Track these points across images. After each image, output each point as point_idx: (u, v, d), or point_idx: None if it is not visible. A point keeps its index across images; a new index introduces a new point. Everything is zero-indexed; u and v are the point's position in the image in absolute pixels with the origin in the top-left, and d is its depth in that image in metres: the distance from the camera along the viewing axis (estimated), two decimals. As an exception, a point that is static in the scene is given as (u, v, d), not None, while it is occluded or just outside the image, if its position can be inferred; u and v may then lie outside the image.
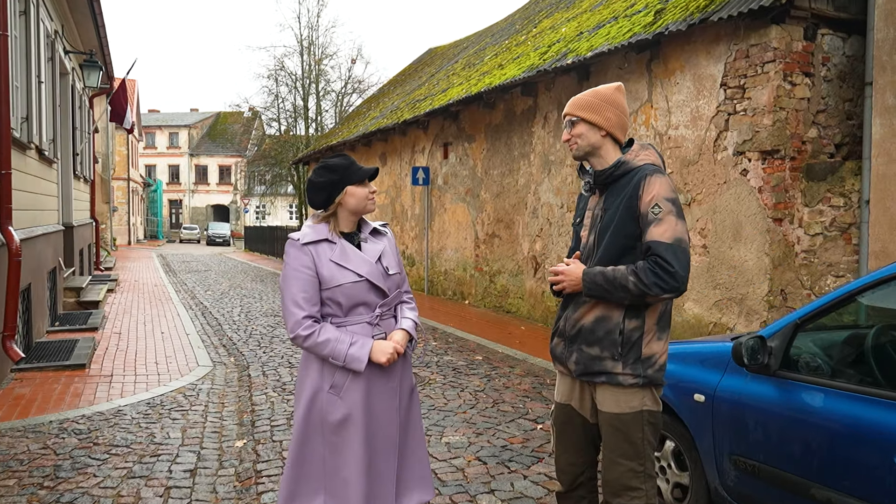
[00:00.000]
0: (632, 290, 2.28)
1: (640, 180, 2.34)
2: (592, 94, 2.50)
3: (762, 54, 6.07)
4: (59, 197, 10.63)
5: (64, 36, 11.49)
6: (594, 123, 2.45)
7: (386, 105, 18.87)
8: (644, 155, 2.44)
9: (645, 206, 2.32)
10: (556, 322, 2.60)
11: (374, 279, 2.55)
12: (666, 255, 2.25)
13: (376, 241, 2.66)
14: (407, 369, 2.70)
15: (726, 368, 2.90)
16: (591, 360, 2.41)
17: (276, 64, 32.35)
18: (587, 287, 2.36)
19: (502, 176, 10.94)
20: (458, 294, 12.53)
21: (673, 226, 2.29)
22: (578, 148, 2.49)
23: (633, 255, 2.35)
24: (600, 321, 2.39)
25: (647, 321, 2.37)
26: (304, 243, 2.52)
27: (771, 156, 6.09)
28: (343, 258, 2.53)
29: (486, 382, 6.36)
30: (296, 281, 2.49)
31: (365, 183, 2.60)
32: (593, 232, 2.46)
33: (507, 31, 15.67)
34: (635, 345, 2.36)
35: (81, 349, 7.34)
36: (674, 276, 2.24)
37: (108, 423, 5.09)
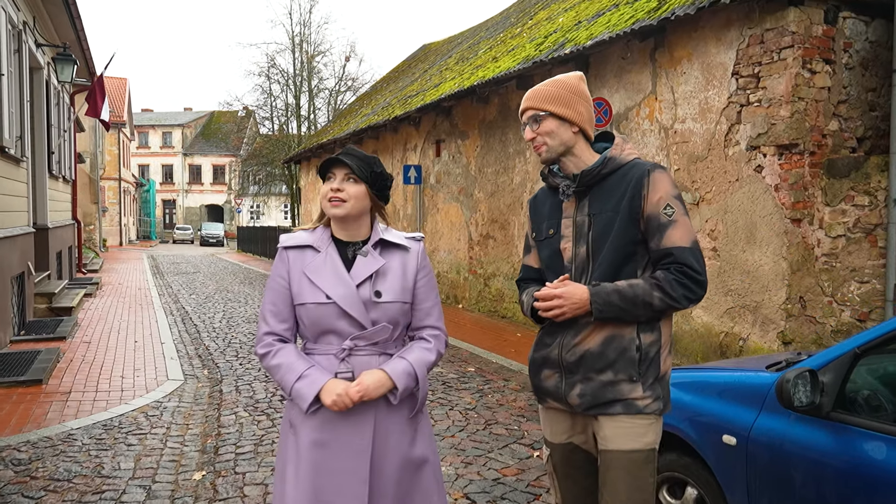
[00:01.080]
0: (657, 306, 2.01)
1: (640, 178, 2.05)
2: (557, 84, 2.17)
3: (779, 39, 5.55)
4: (28, 197, 10.06)
5: (36, 28, 10.92)
6: (565, 118, 2.13)
7: (378, 102, 18.33)
8: (629, 149, 2.16)
9: (653, 207, 2.04)
10: (541, 350, 2.18)
11: (345, 305, 2.01)
12: (690, 261, 2.01)
13: (381, 256, 2.10)
14: (403, 432, 2.07)
15: (763, 405, 2.37)
16: (602, 388, 2.05)
17: (268, 61, 31.77)
18: (599, 310, 2.01)
19: (497, 174, 10.41)
20: (451, 298, 12.00)
21: (688, 227, 2.05)
22: (549, 149, 2.14)
23: (633, 262, 2.08)
24: (610, 342, 2.05)
25: (663, 333, 2.09)
26: (285, 247, 2.13)
27: (788, 150, 5.56)
28: (315, 272, 2.06)
29: (478, 399, 5.83)
30: (269, 290, 2.13)
31: (333, 178, 2.09)
32: (582, 243, 2.12)
33: (503, 24, 15.13)
34: (654, 361, 2.06)
35: (41, 362, 6.79)
36: (702, 284, 2.02)
37: (53, 450, 4.55)
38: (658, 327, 2.06)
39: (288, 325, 2.09)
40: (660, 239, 2.01)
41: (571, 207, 2.14)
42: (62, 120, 13.76)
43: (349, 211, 2.06)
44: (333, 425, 2.02)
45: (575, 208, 2.13)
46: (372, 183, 2.09)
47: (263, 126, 35.78)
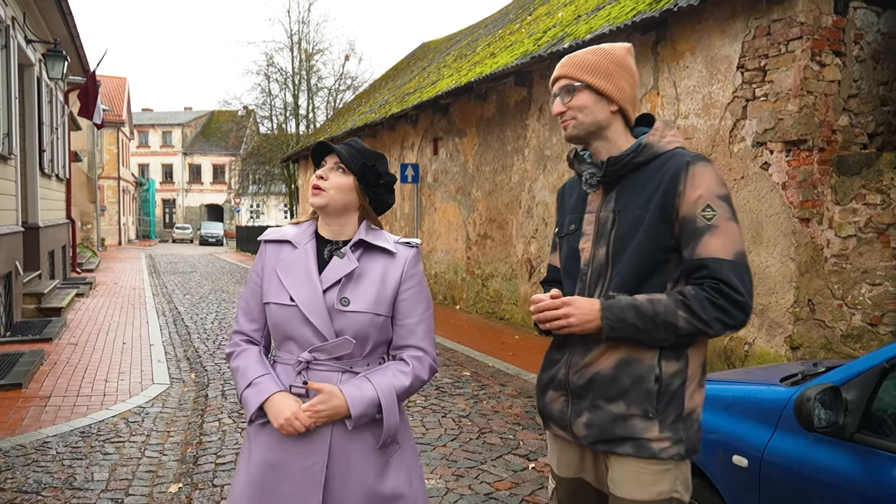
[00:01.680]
0: (681, 328, 1.65)
1: (678, 171, 1.69)
2: (600, 53, 1.80)
3: (786, 31, 5.32)
4: (17, 196, 9.85)
5: (27, 24, 10.71)
6: (604, 93, 1.78)
7: (376, 100, 18.10)
8: (671, 136, 1.79)
9: (690, 206, 1.67)
10: (549, 370, 1.87)
11: (307, 310, 1.77)
12: (730, 277, 1.62)
13: (352, 259, 1.83)
14: (368, 461, 1.80)
15: (778, 423, 2.14)
16: (611, 421, 1.72)
17: (267, 60, 31.53)
18: (611, 327, 1.67)
19: (495, 172, 10.18)
20: (448, 299, 11.77)
21: (732, 236, 1.66)
22: (578, 125, 1.80)
23: (663, 272, 1.72)
24: (625, 366, 1.72)
25: (690, 362, 1.72)
26: (265, 241, 1.95)
27: (796, 147, 5.33)
28: (285, 270, 1.86)
29: (473, 405, 5.60)
30: (247, 286, 1.96)
31: (320, 167, 1.91)
32: (602, 243, 1.78)
33: (501, 20, 14.91)
34: (676, 396, 1.70)
35: (23, 365, 6.58)
36: (742, 306, 1.63)
37: (25, 459, 4.33)
38: (685, 355, 1.71)
39: (258, 325, 1.91)
40: (694, 247, 1.66)
41: (597, 200, 1.83)
42: (55, 118, 13.55)
43: (328, 202, 1.84)
44: (284, 445, 1.80)
45: (600, 202, 1.82)
46: (361, 176, 1.86)
47: (263, 125, 35.55)
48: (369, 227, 1.90)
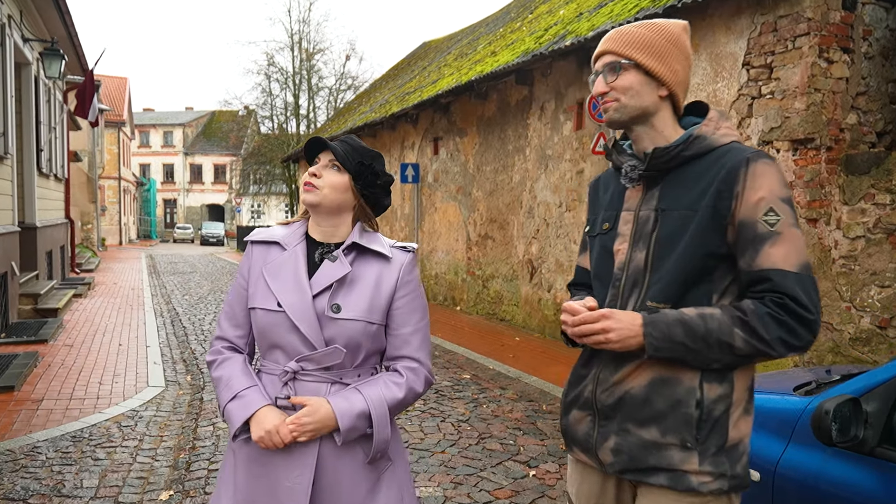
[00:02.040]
0: (738, 349, 1.45)
1: (735, 169, 1.49)
2: (654, 28, 1.60)
3: (793, 27, 5.20)
4: (13, 195, 9.75)
5: (24, 23, 10.62)
6: (655, 75, 1.57)
7: (377, 100, 18.00)
8: (726, 127, 1.59)
9: (749, 210, 1.47)
10: (575, 386, 1.69)
11: (296, 316, 1.66)
12: (796, 291, 1.43)
13: (345, 263, 1.72)
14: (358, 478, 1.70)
15: (792, 435, 2.03)
16: (643, 448, 1.53)
17: (267, 60, 31.41)
18: (655, 346, 1.48)
19: (495, 172, 10.07)
20: (449, 300, 11.66)
21: (797, 244, 1.47)
22: (621, 108, 1.59)
23: (709, 282, 1.52)
24: (660, 386, 1.52)
25: (736, 385, 1.52)
26: (252, 241, 1.84)
27: (804, 145, 5.22)
28: (273, 273, 1.74)
29: (473, 409, 5.49)
30: (232, 289, 1.84)
31: (315, 163, 1.79)
32: (641, 245, 1.58)
33: (503, 19, 14.80)
34: (718, 424, 1.50)
35: (16, 367, 6.47)
36: (810, 325, 1.43)
37: (14, 465, 4.23)
38: (730, 377, 1.51)
39: (242, 331, 1.80)
40: (753, 256, 1.46)
41: (636, 197, 1.62)
42: (53, 117, 13.46)
43: (321, 200, 1.73)
44: (268, 459, 1.69)
45: (640, 198, 1.61)
46: (357, 175, 1.76)
47: (264, 125, 35.47)
48: (363, 229, 1.79)
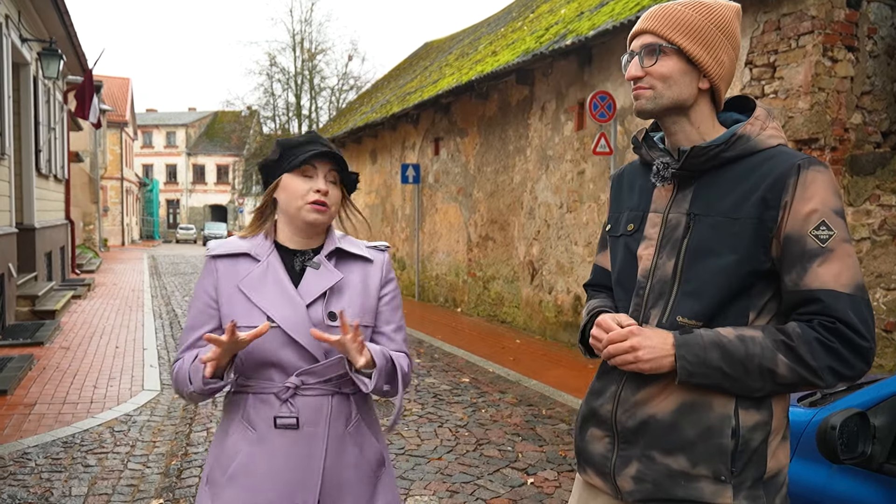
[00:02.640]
0: (782, 377, 1.32)
1: (785, 176, 1.34)
2: (703, 10, 1.41)
3: (797, 25, 5.11)
4: (10, 196, 9.69)
5: (22, 23, 10.56)
6: (698, 63, 1.40)
7: (378, 100, 17.94)
8: (773, 128, 1.43)
9: (799, 223, 1.33)
10: (592, 401, 1.54)
11: (291, 329, 1.60)
12: (849, 316, 1.29)
13: (334, 269, 1.68)
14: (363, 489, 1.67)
15: (796, 449, 1.94)
16: (670, 478, 1.38)
17: (269, 60, 31.40)
18: (689, 370, 1.34)
19: (496, 173, 9.99)
20: (449, 301, 11.58)
21: (850, 262, 1.33)
22: (656, 97, 1.42)
23: (746, 298, 1.37)
24: (690, 411, 1.37)
25: (775, 413, 1.38)
26: (214, 255, 1.70)
27: (808, 146, 5.13)
28: (255, 287, 1.63)
29: (471, 414, 5.41)
30: (193, 309, 1.71)
31: (313, 175, 1.65)
32: (671, 253, 1.43)
33: (504, 19, 14.72)
34: (757, 455, 1.36)
35: (10, 370, 6.41)
36: (864, 353, 1.29)
37: (2, 472, 4.16)
38: (768, 402, 1.37)
39: None
40: (801, 275, 1.32)
41: (666, 197, 1.47)
42: (52, 117, 13.41)
43: (330, 219, 1.69)
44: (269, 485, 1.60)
45: (670, 199, 1.46)
46: (348, 186, 1.75)
47: (266, 126, 35.45)
48: (337, 233, 1.75)
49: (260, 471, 1.60)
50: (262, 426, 1.62)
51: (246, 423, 1.64)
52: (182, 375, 1.64)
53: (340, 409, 1.66)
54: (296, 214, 1.65)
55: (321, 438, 1.62)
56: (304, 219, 1.65)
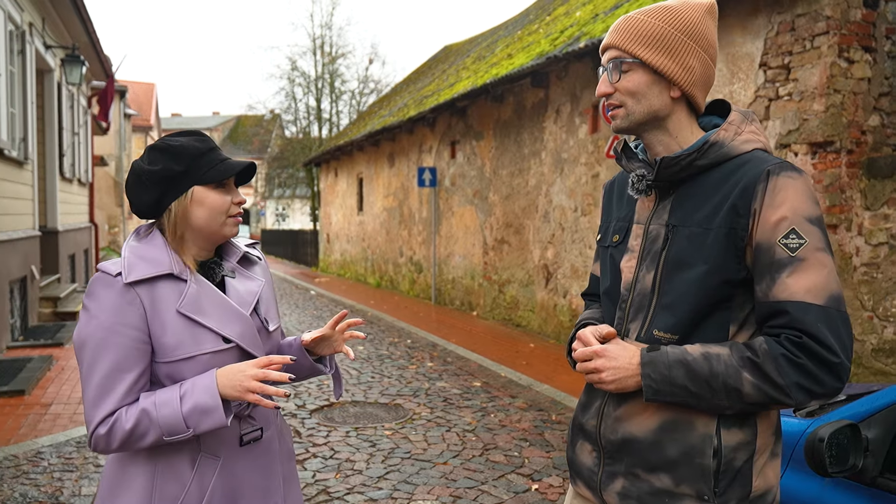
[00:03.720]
0: (748, 395, 1.27)
1: (753, 182, 1.30)
2: (665, 16, 1.37)
3: (811, 26, 5.03)
4: (34, 200, 9.87)
5: (46, 30, 10.77)
6: (663, 73, 1.36)
7: (396, 104, 17.99)
8: (750, 132, 1.39)
9: (767, 231, 1.28)
10: (581, 414, 1.53)
11: (248, 344, 1.55)
12: (818, 329, 1.23)
13: (250, 275, 1.65)
14: (292, 471, 1.74)
15: (790, 459, 1.90)
16: (654, 496, 1.37)
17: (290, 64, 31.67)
18: (654, 388, 1.32)
19: (511, 176, 9.96)
20: (465, 304, 11.57)
21: (824, 273, 1.27)
22: (628, 113, 1.40)
23: (725, 310, 1.33)
24: (671, 430, 1.35)
25: (760, 431, 1.35)
26: (131, 282, 1.46)
27: (823, 149, 5.04)
28: (197, 309, 1.50)
29: (480, 418, 5.39)
30: (110, 350, 1.43)
31: (227, 186, 1.56)
32: (650, 264, 1.41)
33: (521, 21, 14.69)
34: (741, 474, 1.33)
35: (29, 371, 6.52)
36: (834, 369, 1.23)
37: (16, 471, 4.22)
38: (752, 421, 1.33)
39: (136, 397, 1.47)
40: (770, 285, 1.27)
41: (648, 208, 1.44)
42: (76, 122, 13.64)
43: None
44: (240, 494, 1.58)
45: (652, 211, 1.43)
46: None
47: (288, 129, 35.72)
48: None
49: (235, 494, 1.55)
50: (225, 450, 1.55)
51: (206, 454, 1.53)
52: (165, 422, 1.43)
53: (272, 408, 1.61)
54: (217, 230, 1.56)
55: (274, 440, 1.65)
56: (225, 234, 1.58)
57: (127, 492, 1.50)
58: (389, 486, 3.99)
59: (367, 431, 5.05)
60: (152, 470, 1.50)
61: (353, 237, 18.25)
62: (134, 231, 1.58)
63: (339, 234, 19.67)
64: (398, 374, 6.90)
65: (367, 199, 16.93)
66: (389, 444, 4.73)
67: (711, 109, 1.49)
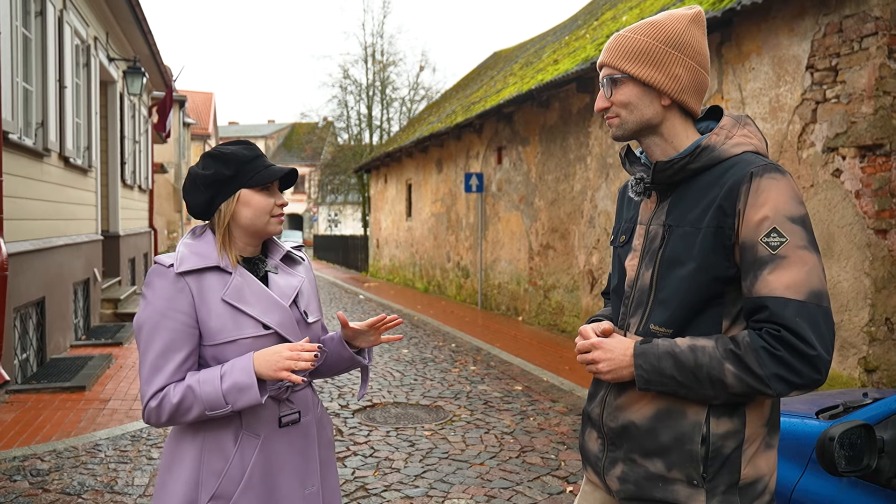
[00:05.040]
0: (731, 385, 1.35)
1: (737, 184, 1.38)
2: (649, 31, 1.47)
3: (860, 27, 4.92)
4: (97, 206, 10.35)
5: (109, 44, 11.30)
6: (652, 85, 1.46)
7: (444, 110, 18.15)
8: (741, 136, 1.46)
9: (751, 230, 1.36)
10: (589, 403, 1.63)
11: (286, 332, 1.70)
12: (795, 323, 1.30)
13: (292, 271, 1.82)
14: (330, 459, 1.86)
15: (809, 461, 1.91)
16: (649, 480, 1.45)
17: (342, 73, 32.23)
18: (646, 378, 1.41)
19: (557, 181, 9.96)
20: (511, 309, 11.59)
21: (805, 269, 1.33)
22: (622, 125, 1.51)
23: (718, 306, 1.41)
24: (664, 418, 1.44)
25: (749, 421, 1.41)
26: (182, 272, 1.65)
27: (871, 152, 4.92)
28: (241, 298, 1.67)
29: (519, 421, 5.42)
30: (162, 332, 1.61)
31: (271, 189, 1.74)
32: (649, 262, 1.49)
33: (570, 27, 14.67)
34: (729, 461, 1.40)
35: (90, 368, 6.86)
36: (812, 361, 1.29)
37: (75, 461, 4.47)
38: (742, 411, 1.40)
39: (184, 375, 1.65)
40: (753, 282, 1.35)
41: (650, 210, 1.53)
42: (137, 131, 14.23)
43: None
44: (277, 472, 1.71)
45: (653, 212, 1.52)
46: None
47: (340, 137, 36.34)
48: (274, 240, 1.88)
49: (274, 471, 1.69)
50: (265, 429, 1.68)
51: (247, 433, 1.67)
52: (207, 398, 1.59)
53: (313, 395, 1.84)
54: (262, 228, 1.73)
55: (312, 425, 1.78)
56: (269, 231, 1.74)
57: (180, 465, 1.68)
58: (426, 485, 4.08)
59: (406, 432, 5.15)
60: (200, 445, 1.67)
61: (401, 242, 18.46)
62: (190, 230, 1.77)
63: (388, 239, 19.93)
64: (441, 377, 6.99)
65: (415, 205, 17.12)
66: (428, 445, 4.82)
67: (714, 115, 1.56)
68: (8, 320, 5.89)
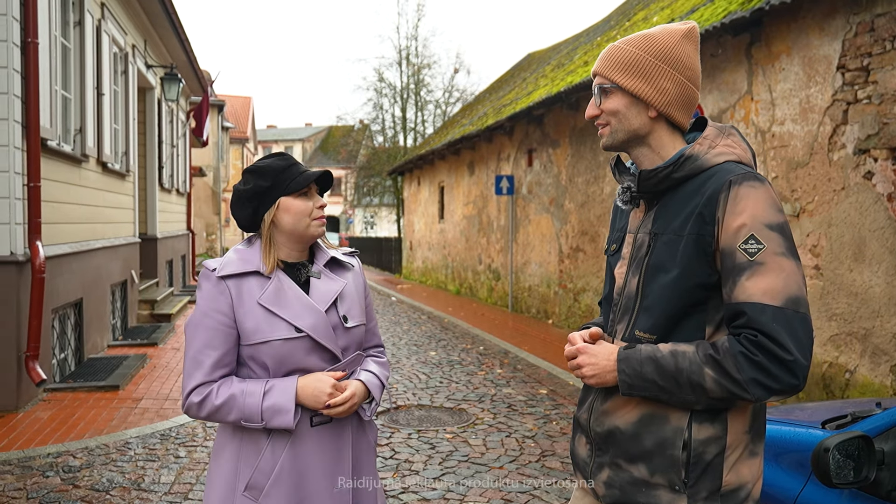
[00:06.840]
0: (710, 390, 1.36)
1: (716, 192, 1.40)
2: (641, 44, 1.51)
3: (892, 26, 4.79)
4: (135, 209, 10.63)
5: (147, 51, 11.59)
6: (639, 96, 1.49)
7: (477, 112, 18.16)
8: (724, 145, 1.49)
9: (729, 237, 1.38)
10: (578, 409, 1.65)
11: (319, 336, 1.76)
12: (772, 328, 1.32)
13: (335, 276, 1.87)
14: (369, 464, 1.92)
15: (812, 472, 1.87)
16: (632, 485, 1.48)
17: (377, 76, 32.45)
18: (627, 383, 1.44)
19: (587, 184, 9.89)
20: (541, 312, 11.54)
21: (782, 276, 1.35)
22: (612, 134, 1.54)
23: (700, 312, 1.44)
24: (650, 423, 1.46)
25: (731, 428, 1.42)
26: (223, 276, 1.77)
27: (905, 154, 4.79)
28: (276, 301, 1.76)
29: (541, 425, 5.41)
30: (202, 330, 1.75)
31: (309, 193, 1.82)
32: (636, 270, 1.52)
33: (602, 28, 14.55)
34: (711, 468, 1.41)
35: (125, 367, 7.05)
36: (789, 366, 1.31)
37: (105, 458, 4.61)
38: (723, 418, 1.41)
39: (228, 370, 1.78)
40: (732, 288, 1.37)
41: (638, 218, 1.56)
42: (174, 135, 14.56)
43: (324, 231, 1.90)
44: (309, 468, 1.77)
45: (641, 220, 1.56)
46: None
47: (375, 139, 36.60)
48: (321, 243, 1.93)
49: (303, 468, 1.76)
50: (299, 427, 1.76)
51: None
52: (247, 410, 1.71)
53: None
54: (304, 232, 1.81)
55: (347, 428, 1.83)
56: (312, 234, 1.82)
57: (224, 454, 1.81)
58: (443, 488, 4.10)
59: (428, 434, 5.18)
60: (241, 437, 1.79)
61: (434, 244, 18.53)
62: (245, 238, 1.90)
63: (421, 241, 20.02)
64: (466, 380, 7.00)
65: (447, 208, 17.16)
66: (448, 448, 4.84)
67: (702, 127, 1.57)
68: (46, 321, 6.09)
